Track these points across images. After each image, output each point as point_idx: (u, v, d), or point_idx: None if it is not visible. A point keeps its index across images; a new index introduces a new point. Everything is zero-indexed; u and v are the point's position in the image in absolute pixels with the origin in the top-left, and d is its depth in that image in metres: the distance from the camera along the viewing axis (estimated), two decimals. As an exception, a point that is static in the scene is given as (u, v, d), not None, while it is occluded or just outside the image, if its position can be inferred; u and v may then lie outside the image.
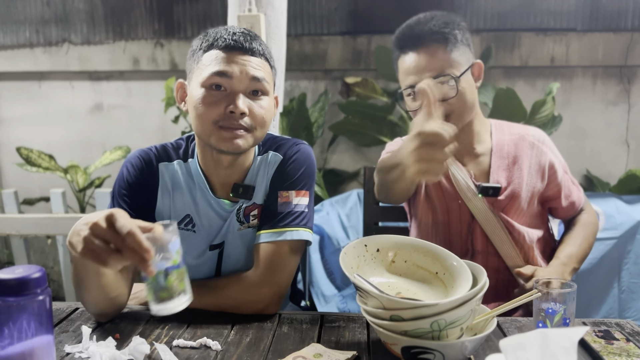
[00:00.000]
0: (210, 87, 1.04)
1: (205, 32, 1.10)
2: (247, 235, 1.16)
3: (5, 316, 0.72)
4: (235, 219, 1.15)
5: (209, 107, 1.03)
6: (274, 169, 1.15)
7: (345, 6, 3.12)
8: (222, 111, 1.03)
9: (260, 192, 1.15)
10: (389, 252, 0.99)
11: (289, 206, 1.11)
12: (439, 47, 1.22)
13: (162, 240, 0.80)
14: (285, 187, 1.12)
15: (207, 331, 0.98)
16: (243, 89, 1.04)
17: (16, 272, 0.73)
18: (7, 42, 3.35)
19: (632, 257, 2.10)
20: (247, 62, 1.04)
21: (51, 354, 0.77)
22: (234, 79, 1.03)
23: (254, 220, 1.15)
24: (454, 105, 1.22)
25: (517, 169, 1.30)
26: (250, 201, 1.15)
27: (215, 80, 1.03)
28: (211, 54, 1.05)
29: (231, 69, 1.03)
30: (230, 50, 1.04)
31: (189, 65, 1.11)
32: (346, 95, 3.10)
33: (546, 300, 0.87)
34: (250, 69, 1.04)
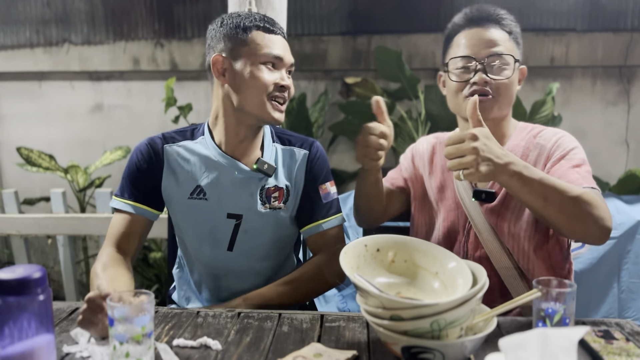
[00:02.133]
0: (266, 64, 1.18)
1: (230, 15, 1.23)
2: (268, 216, 1.26)
3: (6, 316, 0.72)
4: (257, 196, 1.25)
5: (262, 83, 1.17)
6: (300, 163, 1.29)
7: (345, 6, 3.12)
8: (272, 85, 1.18)
9: (283, 177, 1.28)
10: (389, 252, 0.99)
11: (330, 196, 1.31)
12: (506, 32, 1.25)
13: (128, 311, 0.77)
14: (322, 180, 1.30)
15: (207, 331, 0.98)
16: (287, 66, 1.22)
17: (16, 272, 0.73)
18: (7, 42, 3.35)
19: (631, 257, 2.10)
20: (286, 46, 1.23)
21: (51, 353, 0.77)
22: (283, 59, 1.20)
23: (274, 202, 1.27)
24: (500, 89, 1.22)
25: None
26: (271, 182, 1.26)
27: (273, 60, 1.19)
28: (261, 35, 1.19)
29: (283, 53, 1.20)
30: (275, 34, 1.21)
31: (226, 45, 1.20)
32: (346, 96, 3.10)
33: (546, 300, 0.87)
34: (286, 51, 1.23)
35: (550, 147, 1.22)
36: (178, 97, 2.95)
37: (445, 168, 1.34)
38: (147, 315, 0.78)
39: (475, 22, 1.26)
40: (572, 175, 1.15)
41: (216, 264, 1.28)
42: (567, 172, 1.16)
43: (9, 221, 2.39)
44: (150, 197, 1.26)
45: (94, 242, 3.29)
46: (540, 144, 1.24)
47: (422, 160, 1.41)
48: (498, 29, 1.25)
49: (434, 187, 1.35)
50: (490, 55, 1.22)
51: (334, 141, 3.18)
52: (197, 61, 3.22)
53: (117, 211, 1.26)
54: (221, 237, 1.27)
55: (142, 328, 0.78)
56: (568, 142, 1.22)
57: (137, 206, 1.24)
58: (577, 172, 1.16)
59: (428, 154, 1.41)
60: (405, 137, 2.99)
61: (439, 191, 1.34)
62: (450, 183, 1.32)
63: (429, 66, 3.12)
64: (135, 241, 1.25)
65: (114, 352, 0.78)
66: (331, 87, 3.19)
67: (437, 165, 1.37)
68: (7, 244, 3.31)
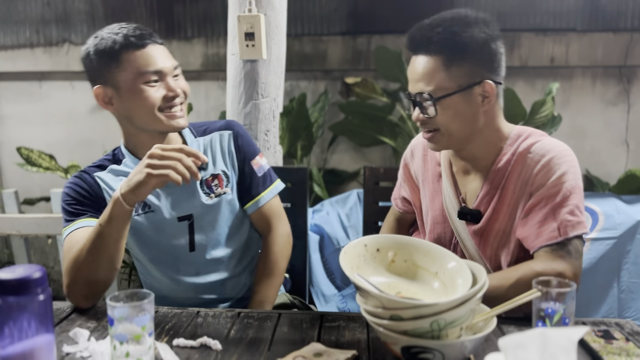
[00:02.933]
0: (148, 83, 1.16)
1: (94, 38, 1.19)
2: (216, 206, 1.29)
3: (6, 316, 0.72)
4: (199, 191, 1.28)
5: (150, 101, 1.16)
6: (228, 143, 1.33)
7: (345, 6, 3.12)
8: (161, 99, 1.17)
9: (216, 164, 1.31)
10: (389, 252, 0.99)
11: (263, 168, 1.35)
12: (436, 59, 1.09)
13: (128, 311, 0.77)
14: (252, 155, 1.34)
15: (207, 331, 0.98)
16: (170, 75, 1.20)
17: (16, 272, 0.73)
18: (7, 42, 3.35)
19: (631, 257, 2.10)
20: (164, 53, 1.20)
21: (51, 353, 0.77)
22: (164, 70, 1.18)
23: (217, 189, 1.30)
24: (439, 124, 1.11)
25: (502, 193, 1.14)
26: (206, 173, 1.29)
27: (153, 77, 1.16)
28: (132, 54, 1.15)
29: (161, 64, 1.17)
30: (145, 46, 1.17)
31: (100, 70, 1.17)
32: (346, 96, 3.10)
33: (546, 300, 0.87)
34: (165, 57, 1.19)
35: (535, 174, 1.09)
36: (178, 97, 2.94)
37: (435, 176, 1.27)
38: (147, 315, 0.78)
39: (412, 49, 1.14)
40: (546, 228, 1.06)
41: (183, 267, 1.29)
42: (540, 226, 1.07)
43: (9, 221, 2.39)
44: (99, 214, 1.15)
45: (94, 242, 3.28)
46: (527, 164, 1.11)
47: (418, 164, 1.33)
48: (426, 55, 1.10)
49: (426, 195, 1.30)
50: (417, 91, 1.12)
51: (334, 141, 3.18)
52: (197, 61, 3.22)
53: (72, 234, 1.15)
54: (179, 242, 1.28)
55: (142, 328, 0.78)
56: (555, 167, 1.08)
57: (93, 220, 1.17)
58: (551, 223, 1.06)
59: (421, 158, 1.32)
60: (405, 137, 2.99)
61: (430, 200, 1.29)
62: (439, 194, 1.26)
63: (429, 66, 3.12)
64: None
65: (114, 352, 0.78)
66: (331, 87, 3.19)
67: (428, 172, 1.30)
68: (7, 244, 3.31)
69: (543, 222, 1.07)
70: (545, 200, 1.07)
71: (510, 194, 1.13)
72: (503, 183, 1.14)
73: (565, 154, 1.10)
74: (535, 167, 1.09)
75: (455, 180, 1.24)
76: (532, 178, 1.10)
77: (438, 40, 1.08)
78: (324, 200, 2.52)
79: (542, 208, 1.07)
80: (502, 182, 1.14)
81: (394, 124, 2.97)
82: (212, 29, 3.19)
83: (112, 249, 1.08)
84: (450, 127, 1.11)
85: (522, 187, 1.12)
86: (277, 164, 2.09)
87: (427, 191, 1.30)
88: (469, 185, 1.21)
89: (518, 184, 1.12)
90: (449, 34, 1.08)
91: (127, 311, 0.77)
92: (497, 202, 1.15)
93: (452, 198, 1.21)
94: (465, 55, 1.08)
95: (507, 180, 1.13)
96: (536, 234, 1.07)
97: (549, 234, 1.05)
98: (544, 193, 1.08)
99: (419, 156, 1.33)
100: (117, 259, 1.11)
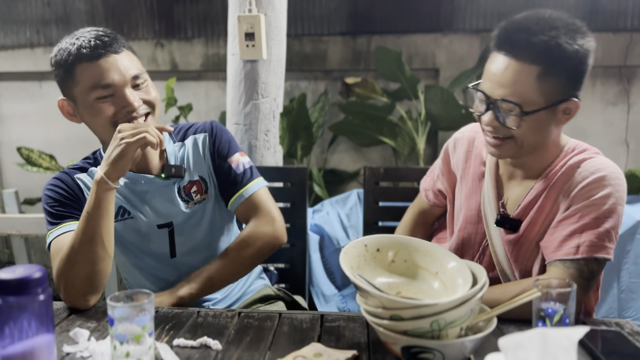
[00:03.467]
0: (99, 101, 1.12)
1: (56, 48, 1.14)
2: (197, 212, 1.27)
3: (6, 316, 0.72)
4: (178, 199, 1.25)
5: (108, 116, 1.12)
6: (202, 147, 1.28)
7: (345, 6, 3.12)
8: (119, 113, 1.13)
9: (194, 170, 1.27)
10: (389, 252, 0.99)
11: (241, 166, 1.28)
12: (532, 68, 0.99)
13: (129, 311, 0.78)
14: (229, 154, 1.28)
15: (207, 331, 0.98)
16: (125, 88, 1.13)
17: (17, 272, 0.73)
18: (7, 42, 3.35)
19: (631, 257, 2.09)
20: (116, 65, 1.11)
21: (52, 353, 0.77)
22: (114, 85, 1.11)
23: (196, 196, 1.27)
24: (515, 134, 1.05)
25: (542, 204, 1.11)
26: (184, 180, 1.26)
27: (100, 93, 1.11)
28: (79, 70, 1.10)
29: (113, 77, 1.11)
30: (96, 59, 1.10)
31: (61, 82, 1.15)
32: (346, 96, 3.10)
33: (546, 300, 0.87)
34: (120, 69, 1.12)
35: (580, 189, 1.05)
36: (178, 97, 2.94)
37: (477, 175, 1.23)
38: (147, 315, 0.78)
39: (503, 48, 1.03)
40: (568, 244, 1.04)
41: (164, 270, 1.29)
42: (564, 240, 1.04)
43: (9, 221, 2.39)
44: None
45: (94, 242, 3.29)
46: (574, 178, 1.06)
47: (460, 158, 1.28)
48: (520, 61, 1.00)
49: (462, 191, 1.26)
50: (499, 97, 1.03)
51: (334, 141, 3.18)
52: (197, 61, 3.22)
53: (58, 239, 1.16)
54: (160, 248, 1.27)
55: (142, 328, 0.78)
56: (601, 187, 1.04)
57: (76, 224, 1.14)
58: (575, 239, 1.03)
59: (464, 153, 1.27)
60: (405, 137, 2.99)
61: (466, 198, 1.24)
62: (478, 194, 1.22)
63: (429, 66, 3.12)
64: None
65: (114, 352, 0.78)
66: (331, 87, 3.18)
67: (469, 169, 1.25)
68: (7, 244, 3.31)
69: (568, 237, 1.04)
70: (580, 216, 1.04)
71: (550, 205, 1.10)
72: (545, 194, 1.11)
73: (615, 177, 1.05)
74: (582, 183, 1.05)
75: (498, 183, 1.20)
76: (575, 193, 1.06)
77: (540, 49, 0.98)
78: (324, 200, 2.52)
79: (573, 223, 1.04)
80: (545, 193, 1.11)
81: (394, 124, 2.97)
82: (212, 29, 3.20)
83: (104, 233, 1.08)
84: (526, 139, 1.05)
85: (563, 199, 1.08)
86: (277, 164, 2.09)
87: (465, 188, 1.25)
88: (512, 190, 1.17)
89: (560, 196, 1.09)
90: (554, 44, 0.98)
91: (127, 311, 0.77)
92: (535, 212, 1.12)
93: (492, 201, 1.17)
94: (563, 69, 1.00)
95: (549, 192, 1.10)
96: (556, 246, 1.05)
97: (568, 249, 1.03)
98: (581, 209, 1.04)
99: (462, 150, 1.27)
100: (110, 245, 1.11)
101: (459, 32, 3.07)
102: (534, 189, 1.12)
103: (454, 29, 3.07)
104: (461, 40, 3.07)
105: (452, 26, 3.07)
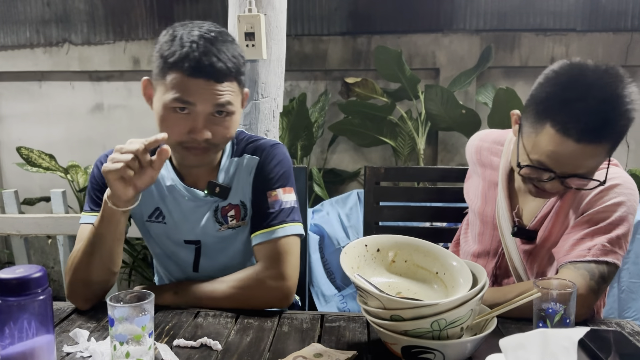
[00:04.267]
0: (173, 109, 1.04)
1: (172, 35, 1.03)
2: (228, 237, 1.19)
3: (6, 316, 0.72)
4: (213, 219, 1.17)
5: (171, 129, 1.03)
6: (252, 172, 1.17)
7: (345, 6, 3.12)
8: (184, 133, 1.04)
9: (237, 193, 1.17)
10: (389, 252, 0.99)
11: (279, 204, 1.14)
12: (604, 147, 0.96)
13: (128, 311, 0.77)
14: (271, 187, 1.15)
15: (207, 331, 0.98)
16: (206, 113, 1.04)
17: (17, 272, 0.73)
18: (7, 42, 3.35)
19: (632, 257, 2.09)
20: (213, 90, 1.02)
21: (52, 353, 0.77)
22: (197, 106, 1.02)
23: (232, 221, 1.18)
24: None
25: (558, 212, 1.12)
26: (225, 201, 1.17)
27: (179, 105, 1.02)
28: (175, 76, 1.01)
29: (194, 98, 1.01)
30: (195, 77, 1.00)
31: (155, 68, 1.07)
32: (346, 95, 3.10)
33: (546, 300, 0.87)
34: (215, 97, 1.02)
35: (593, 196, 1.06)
36: (178, 97, 2.94)
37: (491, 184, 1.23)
38: (147, 315, 0.78)
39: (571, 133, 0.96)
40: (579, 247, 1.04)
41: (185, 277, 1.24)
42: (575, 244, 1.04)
43: (9, 221, 2.39)
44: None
45: (94, 242, 3.29)
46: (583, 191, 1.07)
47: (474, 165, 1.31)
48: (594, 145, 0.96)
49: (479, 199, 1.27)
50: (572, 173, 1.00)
51: (334, 141, 3.18)
52: (197, 61, 3.22)
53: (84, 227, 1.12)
54: (184, 260, 1.22)
55: (142, 328, 0.78)
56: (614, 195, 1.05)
57: None
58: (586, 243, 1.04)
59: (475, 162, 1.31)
60: (405, 137, 2.99)
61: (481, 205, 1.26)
62: (492, 203, 1.23)
63: (429, 66, 3.12)
64: None
65: (114, 352, 0.78)
66: (331, 87, 3.19)
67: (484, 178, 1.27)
68: (7, 244, 3.31)
69: (579, 240, 1.04)
70: (591, 222, 1.05)
71: (564, 213, 1.11)
72: (560, 203, 1.11)
73: (628, 186, 1.06)
74: (595, 190, 1.06)
75: (511, 193, 1.20)
76: (588, 200, 1.07)
77: (612, 131, 0.96)
78: (324, 200, 2.52)
79: (585, 228, 1.05)
80: (559, 202, 1.12)
81: (394, 123, 2.97)
82: (212, 29, 3.19)
83: (105, 251, 1.03)
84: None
85: (576, 208, 1.09)
86: (277, 164, 2.09)
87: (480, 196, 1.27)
88: (528, 202, 1.18)
89: (574, 204, 1.09)
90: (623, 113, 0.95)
91: (128, 311, 0.77)
92: (550, 221, 1.13)
93: (506, 212, 1.18)
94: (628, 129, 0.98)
95: (563, 201, 1.11)
96: (568, 249, 1.05)
97: (579, 252, 1.03)
98: (592, 215, 1.05)
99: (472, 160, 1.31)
100: (112, 262, 1.06)
101: (459, 32, 3.07)
102: (551, 201, 1.13)
103: (454, 28, 3.07)
104: (461, 40, 3.07)
105: (453, 26, 3.07)
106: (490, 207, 1.23)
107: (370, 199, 1.59)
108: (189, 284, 1.14)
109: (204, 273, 1.21)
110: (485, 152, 1.27)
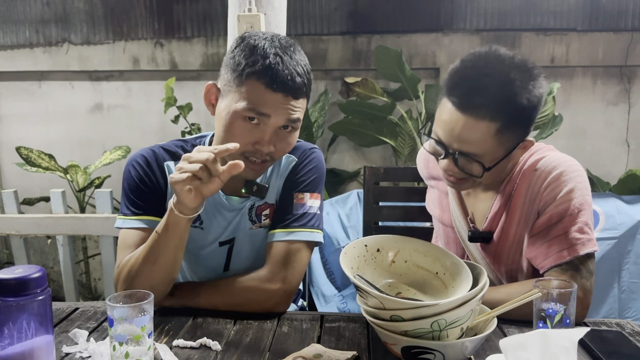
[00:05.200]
0: (243, 118, 1.01)
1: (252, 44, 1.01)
2: (258, 234, 1.18)
3: (5, 316, 0.72)
4: (247, 217, 1.17)
5: (237, 138, 1.00)
6: (287, 171, 1.17)
7: (345, 6, 3.12)
8: (249, 143, 1.02)
9: (273, 192, 1.17)
10: (389, 252, 0.99)
11: (303, 207, 1.13)
12: (490, 125, 0.98)
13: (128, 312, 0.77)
14: (300, 189, 1.15)
15: (207, 331, 0.98)
16: (276, 127, 1.02)
17: (16, 272, 0.73)
18: (7, 42, 3.35)
19: (632, 257, 2.09)
20: (289, 105, 1.01)
21: (51, 354, 0.77)
22: (271, 119, 1.01)
23: (265, 220, 1.17)
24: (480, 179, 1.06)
25: (509, 212, 1.12)
26: (262, 200, 1.16)
27: (251, 115, 1.00)
28: (253, 86, 0.99)
29: (270, 111, 1.00)
30: (274, 90, 0.99)
31: (227, 72, 1.04)
32: (346, 95, 3.10)
33: (546, 300, 0.87)
34: (289, 112, 1.02)
35: (543, 190, 1.06)
36: (178, 96, 2.94)
37: (443, 192, 1.27)
38: (146, 315, 0.78)
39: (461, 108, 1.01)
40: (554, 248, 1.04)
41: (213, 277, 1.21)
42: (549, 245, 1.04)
43: (9, 221, 2.39)
44: (160, 209, 1.10)
45: (94, 242, 3.29)
46: (535, 181, 1.07)
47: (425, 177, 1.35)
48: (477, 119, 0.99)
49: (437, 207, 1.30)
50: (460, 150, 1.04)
51: (334, 141, 3.18)
52: (196, 61, 3.22)
53: (128, 233, 1.10)
54: (216, 261, 1.21)
55: (142, 328, 0.78)
56: (563, 184, 1.05)
57: (150, 219, 1.10)
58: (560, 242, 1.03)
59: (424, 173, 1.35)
60: (405, 137, 2.99)
61: (439, 214, 1.28)
62: (448, 210, 1.25)
63: (429, 66, 3.12)
64: None
65: (114, 352, 0.78)
66: (331, 87, 3.18)
67: (437, 185, 1.30)
68: (6, 244, 3.31)
69: (551, 241, 1.04)
70: (553, 217, 1.05)
71: (518, 212, 1.10)
72: (511, 201, 1.11)
73: (573, 169, 1.06)
74: (543, 184, 1.06)
75: (462, 199, 1.22)
76: (539, 195, 1.07)
77: (496, 106, 0.98)
78: (324, 201, 2.52)
79: (551, 227, 1.05)
80: (509, 201, 1.12)
81: (394, 123, 2.97)
82: (212, 28, 3.19)
83: (168, 259, 1.00)
84: (485, 180, 1.07)
85: (530, 204, 1.09)
86: (277, 163, 2.09)
87: (438, 204, 1.29)
88: (476, 205, 1.19)
89: (526, 201, 1.09)
90: (511, 96, 0.98)
91: (127, 312, 0.77)
92: (504, 221, 1.13)
93: (461, 219, 1.20)
94: (520, 118, 1.00)
95: (513, 199, 1.11)
96: (545, 253, 1.05)
97: (558, 253, 1.03)
98: (551, 210, 1.05)
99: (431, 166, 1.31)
100: (175, 270, 1.03)
101: (460, 32, 3.07)
102: (497, 200, 1.14)
103: (454, 28, 3.07)
104: (461, 39, 3.07)
105: (453, 25, 3.07)
106: (447, 216, 1.25)
107: (370, 199, 1.59)
108: (187, 285, 1.13)
109: (233, 270, 1.20)
110: (432, 163, 1.29)
